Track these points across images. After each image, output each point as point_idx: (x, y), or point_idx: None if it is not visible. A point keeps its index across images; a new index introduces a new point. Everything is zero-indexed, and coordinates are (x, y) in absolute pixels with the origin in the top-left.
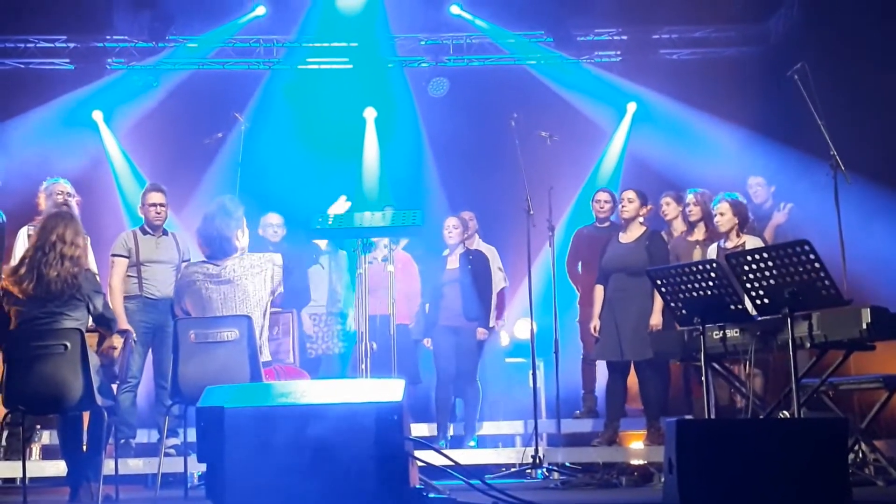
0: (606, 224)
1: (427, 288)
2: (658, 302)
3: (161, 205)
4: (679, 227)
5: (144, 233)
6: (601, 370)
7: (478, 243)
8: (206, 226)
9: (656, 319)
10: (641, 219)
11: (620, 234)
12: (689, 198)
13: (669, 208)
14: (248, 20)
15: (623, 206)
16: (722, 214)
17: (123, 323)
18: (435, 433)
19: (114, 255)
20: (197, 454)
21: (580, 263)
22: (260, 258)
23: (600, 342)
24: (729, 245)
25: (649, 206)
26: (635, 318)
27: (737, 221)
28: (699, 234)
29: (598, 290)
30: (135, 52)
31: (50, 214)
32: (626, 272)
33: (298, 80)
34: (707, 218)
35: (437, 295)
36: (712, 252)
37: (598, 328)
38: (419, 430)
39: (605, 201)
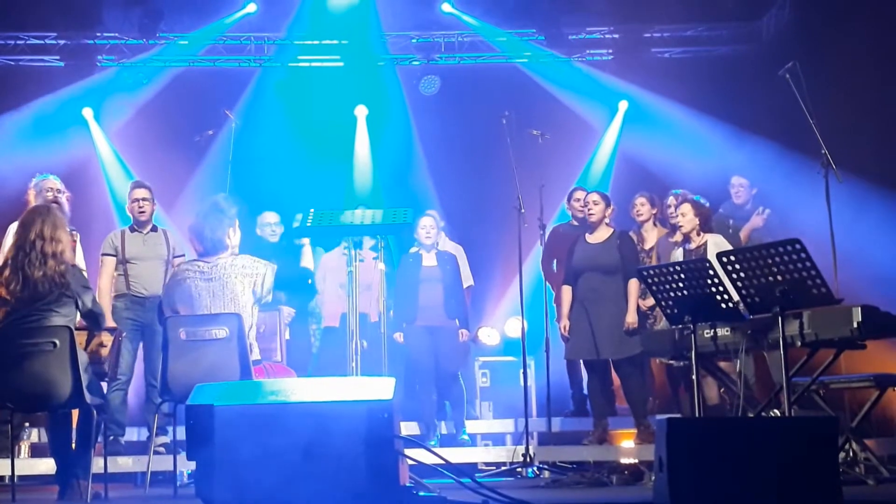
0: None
1: (391, 287)
2: (633, 301)
3: (144, 199)
4: (650, 228)
5: (132, 230)
6: None
7: (444, 241)
8: (199, 223)
9: (632, 318)
10: (608, 219)
11: (587, 235)
12: (670, 200)
13: (644, 209)
14: (239, 17)
15: (590, 210)
16: (683, 215)
17: (110, 321)
18: (415, 432)
19: (102, 255)
20: (186, 452)
21: (555, 261)
22: (253, 262)
23: (572, 342)
24: (692, 246)
25: (612, 207)
26: (611, 316)
27: (698, 222)
28: (679, 236)
29: (567, 291)
30: (125, 50)
31: (27, 212)
32: (599, 271)
33: (289, 78)
34: None
35: (411, 294)
36: (678, 255)
37: (567, 328)
38: (409, 428)
39: (583, 199)
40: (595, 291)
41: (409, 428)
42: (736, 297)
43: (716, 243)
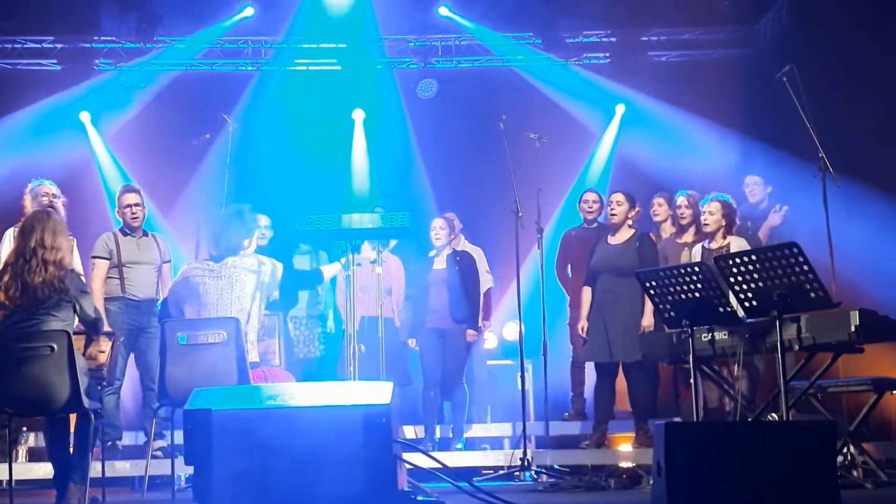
0: (594, 225)
1: (410, 289)
2: (649, 304)
3: (136, 205)
4: (668, 228)
5: (125, 234)
6: (590, 372)
7: (463, 244)
8: (219, 228)
9: (648, 321)
10: (630, 221)
11: (609, 236)
12: (680, 200)
13: (661, 209)
14: (237, 21)
15: (612, 209)
16: (711, 214)
17: (107, 325)
18: (422, 436)
19: (94, 258)
20: (184, 456)
21: (570, 266)
22: (259, 259)
23: (588, 343)
24: (714, 246)
25: (637, 209)
26: (625, 319)
27: (724, 223)
28: (689, 236)
29: (586, 292)
30: (122, 53)
31: (27, 217)
32: (615, 273)
33: (287, 82)
34: (698, 220)
35: (422, 296)
36: (697, 252)
37: (585, 329)
38: (407, 432)
39: (594, 202)
40: (611, 293)
41: (419, 431)
42: (734, 302)
43: (739, 246)
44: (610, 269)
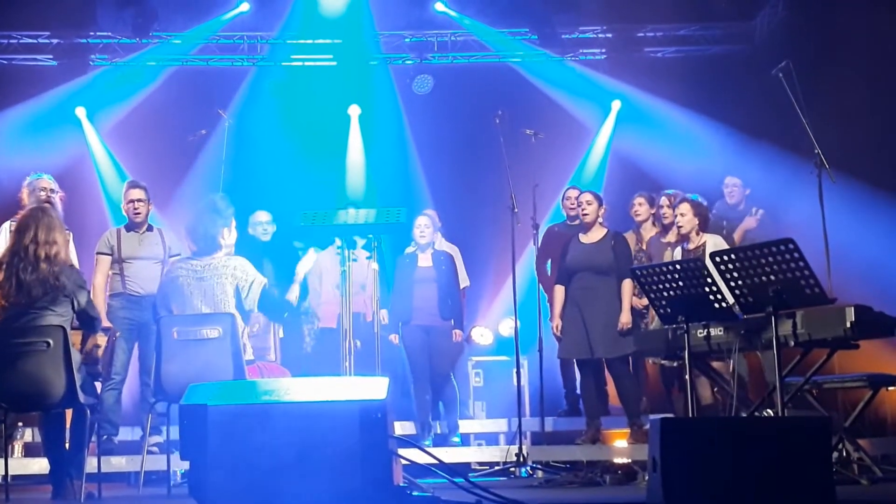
0: (576, 222)
1: (384, 287)
2: (627, 301)
3: (139, 200)
4: (650, 227)
5: (128, 230)
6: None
7: (440, 241)
8: (194, 222)
9: (626, 318)
10: (601, 219)
11: (581, 234)
12: (663, 200)
13: (642, 209)
14: (232, 16)
15: (584, 210)
16: (682, 215)
17: (105, 321)
18: (411, 431)
19: (97, 254)
20: (180, 452)
21: (549, 262)
22: (245, 267)
23: (565, 341)
24: (691, 246)
25: (604, 207)
26: (604, 315)
27: (697, 222)
28: (672, 235)
29: (559, 290)
30: (118, 49)
31: (23, 215)
32: (592, 271)
33: (283, 77)
34: None
35: (406, 293)
36: (678, 255)
37: (559, 327)
38: (406, 428)
39: (575, 198)
40: (589, 291)
41: (405, 427)
42: (730, 298)
43: (715, 244)
44: (587, 266)
